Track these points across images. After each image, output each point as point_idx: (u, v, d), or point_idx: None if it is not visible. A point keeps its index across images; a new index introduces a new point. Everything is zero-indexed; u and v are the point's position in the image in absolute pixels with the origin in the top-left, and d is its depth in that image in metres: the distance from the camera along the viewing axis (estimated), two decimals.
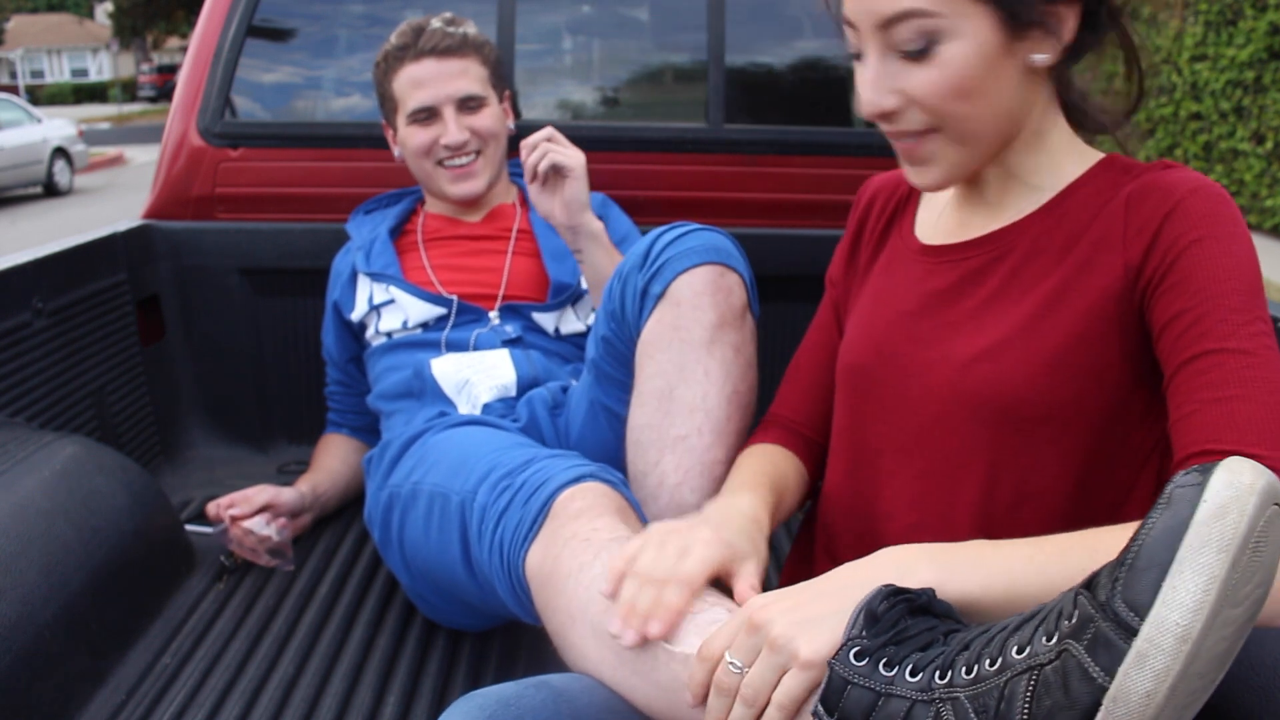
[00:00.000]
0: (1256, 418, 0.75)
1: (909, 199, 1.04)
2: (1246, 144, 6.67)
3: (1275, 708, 0.84)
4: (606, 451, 1.29)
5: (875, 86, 0.84)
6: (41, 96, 36.87)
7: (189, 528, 1.65)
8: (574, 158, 1.50)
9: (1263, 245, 6.45)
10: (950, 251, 0.94)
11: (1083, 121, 0.92)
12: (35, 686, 1.14)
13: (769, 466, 1.05)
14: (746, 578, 0.87)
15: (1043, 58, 0.83)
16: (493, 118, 1.67)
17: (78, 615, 1.24)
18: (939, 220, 0.99)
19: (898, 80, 0.83)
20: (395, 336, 1.65)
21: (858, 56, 0.86)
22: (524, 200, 1.78)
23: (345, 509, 1.78)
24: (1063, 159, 0.91)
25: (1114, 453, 0.87)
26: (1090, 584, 0.59)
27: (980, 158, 0.87)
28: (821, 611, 0.73)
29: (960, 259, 0.93)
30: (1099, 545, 0.72)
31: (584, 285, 1.65)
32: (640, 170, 1.93)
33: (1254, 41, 6.44)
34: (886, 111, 0.84)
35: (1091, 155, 0.92)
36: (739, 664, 0.75)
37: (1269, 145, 6.47)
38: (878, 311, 0.99)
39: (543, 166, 1.49)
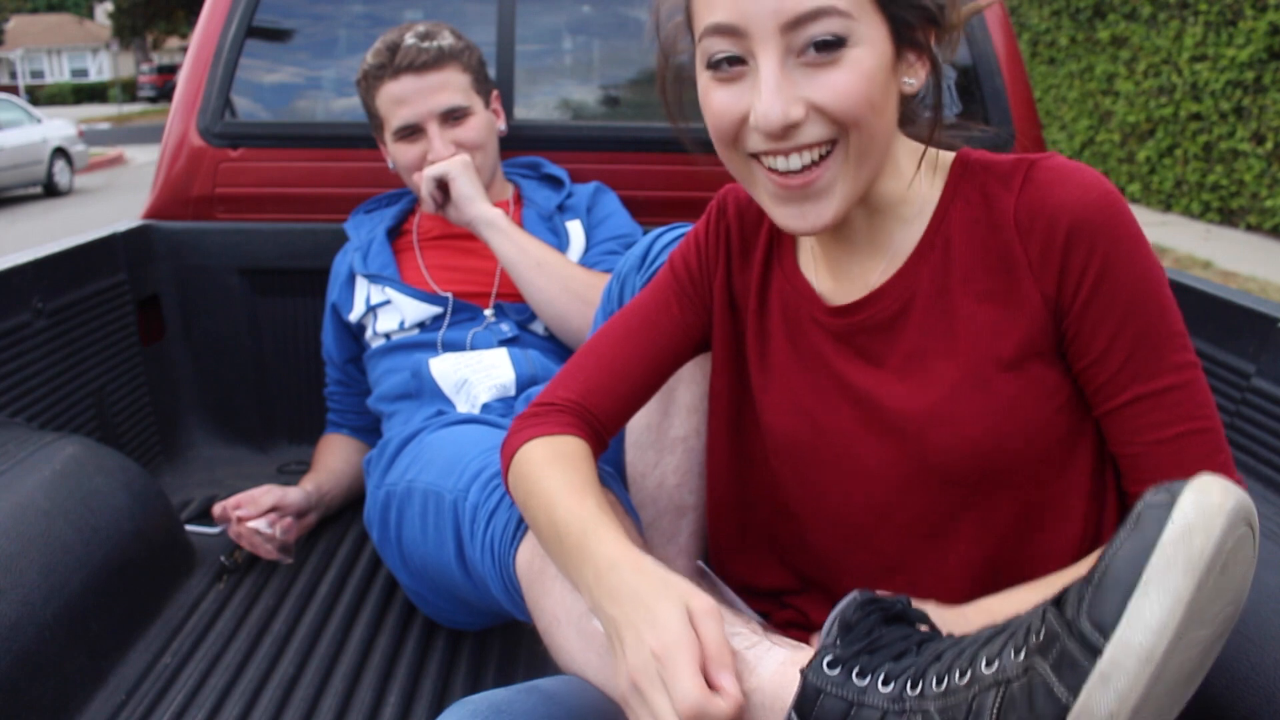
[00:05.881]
0: (1206, 449, 0.80)
1: (781, 234, 0.97)
2: (1246, 144, 6.67)
3: (1277, 709, 0.84)
4: (604, 453, 1.29)
5: (781, 94, 0.75)
6: (41, 96, 36.88)
7: (189, 528, 1.64)
8: (445, 163, 1.60)
9: (1263, 245, 6.44)
10: (855, 310, 0.88)
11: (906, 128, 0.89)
12: (35, 686, 1.14)
13: (596, 484, 0.90)
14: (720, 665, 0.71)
15: (912, 83, 0.81)
16: (477, 128, 1.65)
17: (78, 615, 1.24)
18: (816, 273, 0.93)
19: (801, 88, 0.75)
20: (394, 338, 1.65)
21: (730, 63, 0.77)
22: (519, 198, 1.78)
23: (346, 509, 1.78)
24: (915, 178, 0.87)
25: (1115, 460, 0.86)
26: (1060, 600, 0.59)
27: (866, 184, 0.81)
28: None
29: (868, 315, 0.88)
30: None
31: None
32: (640, 170, 1.93)
33: (1254, 41, 6.44)
34: (793, 123, 0.76)
35: (941, 159, 0.88)
36: None
37: (1269, 145, 6.47)
38: (799, 378, 0.93)
39: (430, 191, 1.59)
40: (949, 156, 0.88)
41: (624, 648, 0.73)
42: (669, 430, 1.12)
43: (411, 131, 1.63)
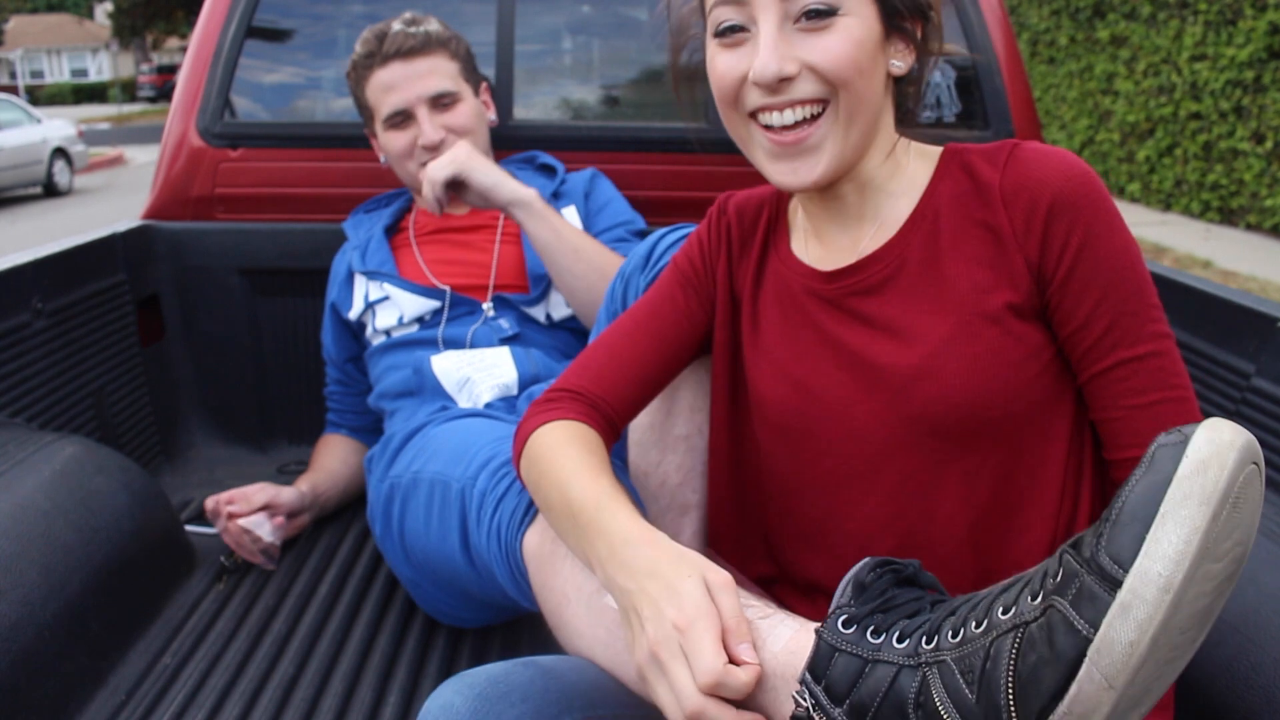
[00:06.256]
0: (1184, 417, 0.82)
1: (778, 223, 1.01)
2: (1246, 144, 6.67)
3: (1277, 709, 0.84)
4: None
5: (777, 52, 0.83)
6: (41, 97, 36.88)
7: (189, 528, 1.65)
8: (453, 156, 1.51)
9: (1263, 245, 6.44)
10: (847, 274, 0.92)
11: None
12: (35, 686, 1.14)
13: (610, 467, 0.92)
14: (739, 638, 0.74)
15: (899, 65, 0.89)
16: (467, 114, 1.65)
17: (78, 615, 1.24)
18: (807, 250, 0.97)
19: (796, 49, 0.84)
20: (394, 335, 1.65)
21: (734, 30, 0.86)
22: None
23: (345, 509, 1.78)
24: (905, 160, 0.93)
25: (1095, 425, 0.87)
26: (1076, 543, 0.60)
27: (856, 150, 0.87)
28: None
29: (860, 278, 0.91)
30: None
31: None
32: (640, 170, 1.93)
33: (1254, 41, 6.44)
34: (786, 76, 0.84)
35: (928, 150, 0.94)
36: None
37: (1269, 145, 6.47)
38: (788, 348, 0.95)
39: (436, 195, 1.50)
40: (938, 148, 0.94)
41: (642, 620, 0.74)
42: (672, 429, 1.12)
43: (402, 118, 1.63)
